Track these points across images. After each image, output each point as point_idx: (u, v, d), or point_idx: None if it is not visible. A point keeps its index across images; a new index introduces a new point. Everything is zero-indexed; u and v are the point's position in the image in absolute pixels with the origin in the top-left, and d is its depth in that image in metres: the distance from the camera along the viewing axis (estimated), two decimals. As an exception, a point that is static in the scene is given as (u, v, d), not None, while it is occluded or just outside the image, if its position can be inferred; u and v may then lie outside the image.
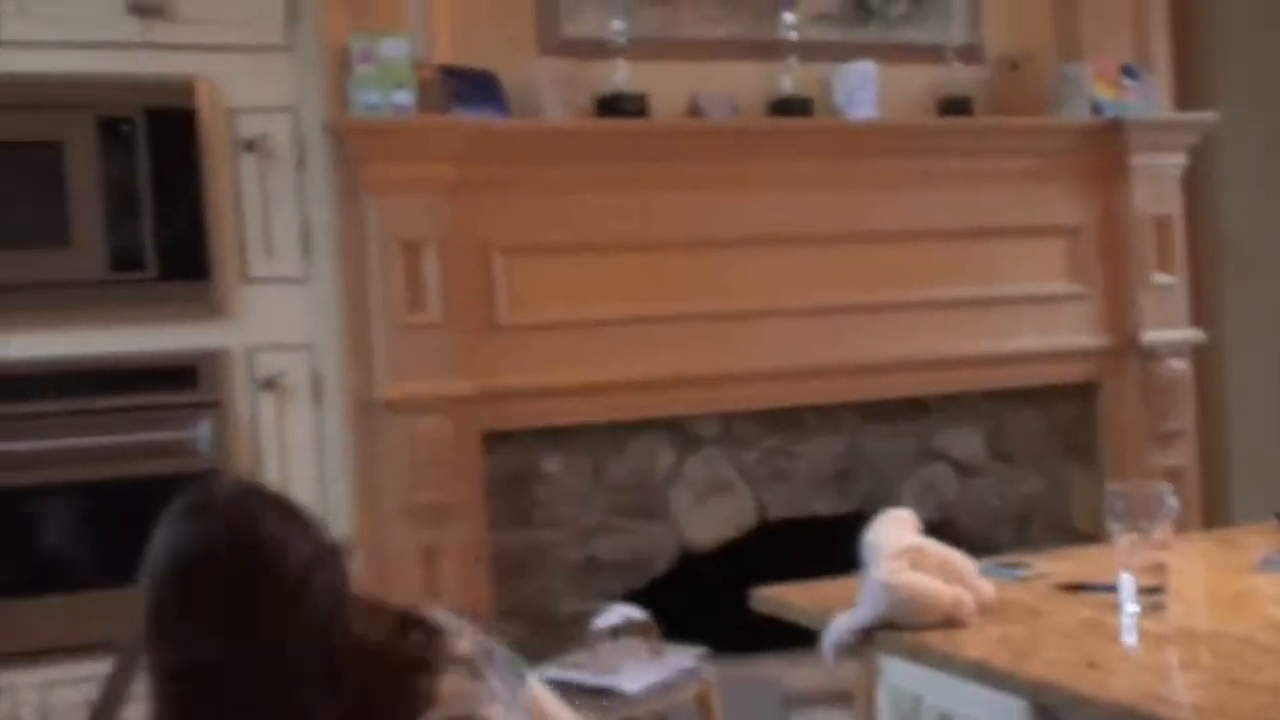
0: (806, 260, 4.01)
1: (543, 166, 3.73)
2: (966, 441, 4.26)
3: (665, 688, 3.46)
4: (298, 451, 3.56)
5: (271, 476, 3.52)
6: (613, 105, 3.84)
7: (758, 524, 4.06)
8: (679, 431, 3.96)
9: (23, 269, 3.30)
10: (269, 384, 3.52)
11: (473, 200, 3.63)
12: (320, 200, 3.56)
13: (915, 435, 4.21)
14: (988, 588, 2.28)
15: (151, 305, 3.38)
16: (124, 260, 3.36)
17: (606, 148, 3.82)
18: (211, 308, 3.46)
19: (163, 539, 1.57)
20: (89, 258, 3.33)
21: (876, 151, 4.06)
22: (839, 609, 2.34)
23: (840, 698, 4.03)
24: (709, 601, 4.06)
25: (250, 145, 3.52)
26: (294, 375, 3.56)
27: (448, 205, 3.58)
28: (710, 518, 4.00)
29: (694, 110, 3.97)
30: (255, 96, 3.53)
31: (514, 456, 3.77)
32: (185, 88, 3.44)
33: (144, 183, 3.39)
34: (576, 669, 3.44)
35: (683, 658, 3.54)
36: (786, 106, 4.03)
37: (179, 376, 3.43)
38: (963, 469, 4.27)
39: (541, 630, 3.78)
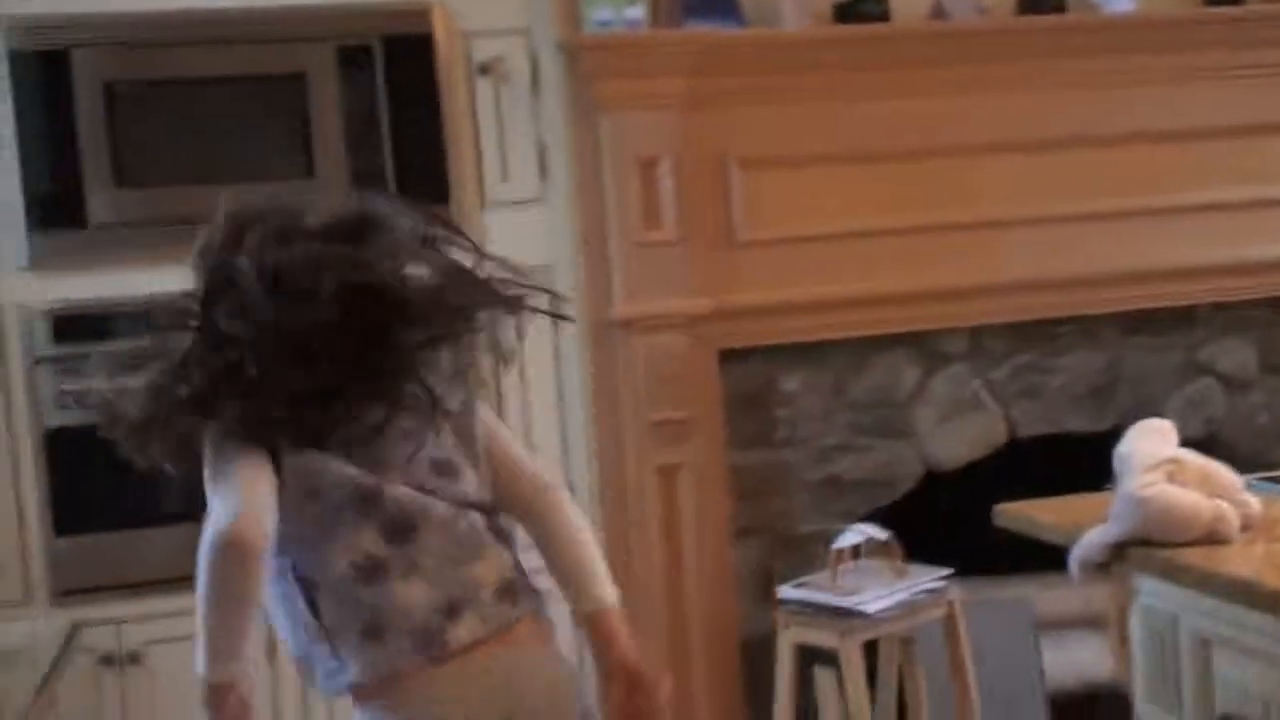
0: (1058, 165, 3.81)
1: (780, 77, 3.63)
2: (1236, 354, 3.99)
3: (909, 609, 3.37)
4: (536, 373, 3.58)
5: (511, 397, 3.56)
6: (851, 11, 3.71)
7: (1007, 443, 3.91)
8: (924, 347, 3.84)
9: (270, 199, 3.40)
10: (508, 304, 3.55)
11: (708, 114, 3.57)
12: (555, 121, 3.56)
13: (1180, 348, 3.97)
14: (1254, 502, 2.13)
15: (393, 230, 3.44)
16: (365, 188, 3.40)
17: (846, 55, 3.69)
18: (451, 231, 3.50)
19: None
20: (332, 188, 3.40)
21: (1134, 47, 3.82)
22: (1089, 525, 2.22)
23: (1093, 622, 3.88)
24: (954, 523, 3.96)
25: (485, 69, 3.54)
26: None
27: (683, 120, 3.53)
28: (956, 436, 3.87)
29: (937, 12, 3.80)
30: (489, 20, 3.54)
31: (752, 374, 3.72)
32: (421, 13, 3.47)
33: (383, 110, 3.44)
34: (817, 589, 3.39)
35: (927, 579, 3.44)
36: (1037, 3, 3.82)
37: (422, 299, 3.48)
38: (1231, 383, 4.01)
39: (781, 550, 3.74)
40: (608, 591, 2.11)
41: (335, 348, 1.92)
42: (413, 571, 1.96)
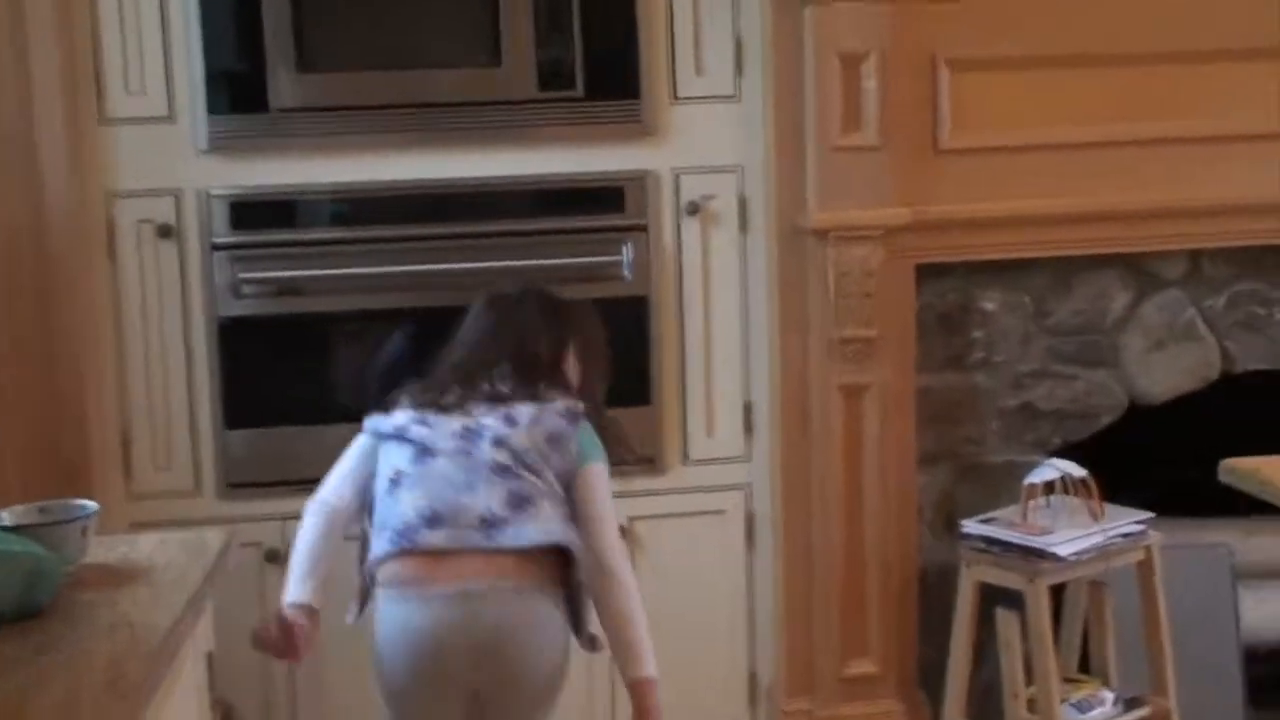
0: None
1: (997, -30, 3.35)
2: None
3: (1102, 553, 3.18)
4: (720, 279, 3.43)
5: (693, 302, 3.41)
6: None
7: (1221, 376, 3.64)
8: (1137, 270, 3.57)
9: (454, 86, 3.27)
10: (694, 208, 3.39)
11: (919, 7, 3.31)
12: (754, 12, 3.34)
13: None
14: None
15: (579, 125, 3.28)
16: (553, 78, 3.27)
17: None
18: (640, 128, 3.33)
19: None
20: (519, 75, 3.26)
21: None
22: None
23: (1301, 573, 3.65)
24: (1158, 459, 3.73)
25: (684, -46, 3.34)
26: (721, 199, 3.41)
27: (891, 14, 3.28)
28: (1166, 367, 3.61)
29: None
30: (688, -99, 3.34)
31: (949, 292, 3.50)
32: (620, -106, 3.27)
33: (574, -3, 3.28)
34: (1005, 526, 3.22)
35: (1125, 521, 3.24)
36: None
37: (605, 198, 3.34)
38: None
39: (968, 480, 3.55)
40: (645, 667, 2.49)
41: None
42: (418, 486, 2.42)
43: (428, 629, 2.35)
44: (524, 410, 2.52)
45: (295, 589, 2.46)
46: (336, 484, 2.57)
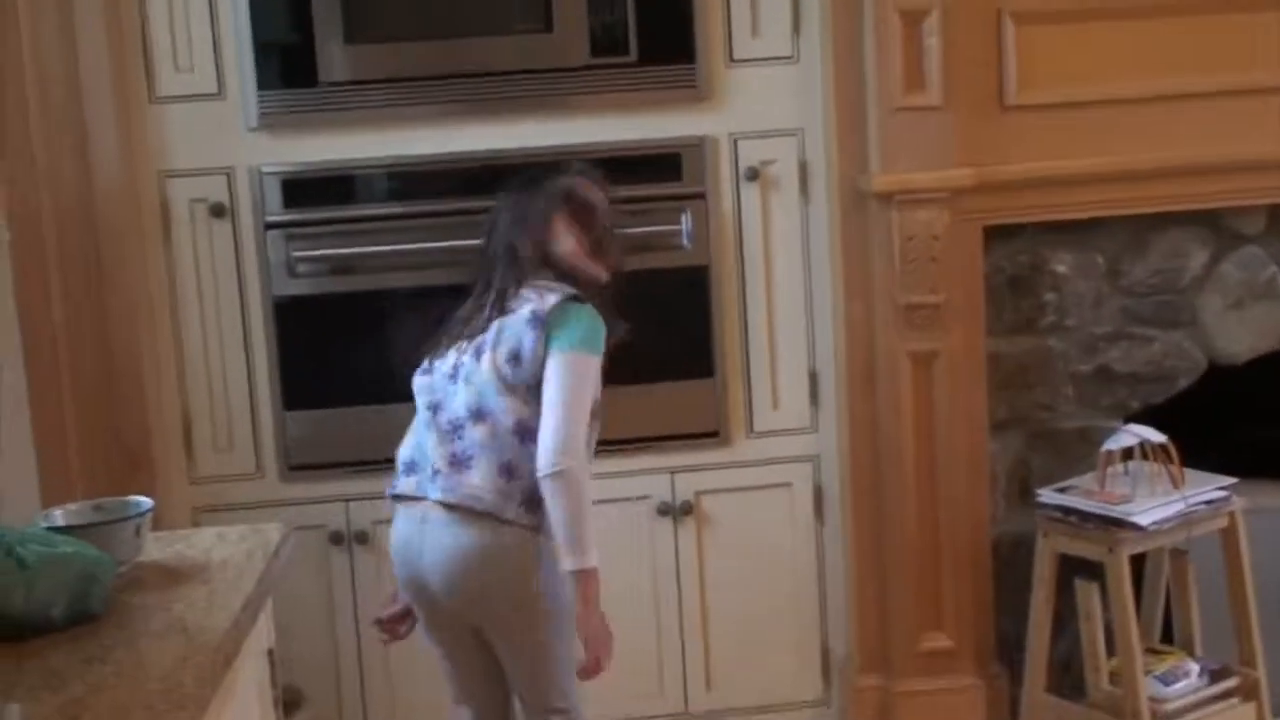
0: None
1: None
2: None
3: (1184, 521, 3.09)
4: (782, 245, 3.34)
5: (754, 271, 3.33)
6: None
7: (1304, 336, 3.51)
8: (1215, 226, 3.45)
9: (506, 54, 3.19)
10: (753, 173, 3.30)
11: (981, -40, 3.21)
12: (811, -30, 3.24)
13: None
14: None
15: (633, 91, 3.20)
16: (605, 44, 3.18)
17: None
18: (696, 93, 3.24)
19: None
20: (571, 41, 3.18)
21: None
22: None
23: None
24: (1240, 420, 3.61)
25: (738, -87, 3.24)
26: (781, 163, 3.32)
27: (953, -33, 3.17)
28: (1247, 327, 3.48)
29: None
30: None
31: (1019, 254, 3.39)
32: None
33: (626, -41, 3.19)
34: (1083, 495, 3.13)
35: (1207, 489, 3.14)
36: None
37: (662, 165, 3.26)
38: None
39: (1044, 447, 3.45)
40: (576, 560, 2.50)
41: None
42: (410, 434, 2.71)
43: (401, 540, 2.65)
44: (490, 332, 2.59)
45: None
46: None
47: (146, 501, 1.97)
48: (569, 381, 2.50)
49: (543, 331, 2.53)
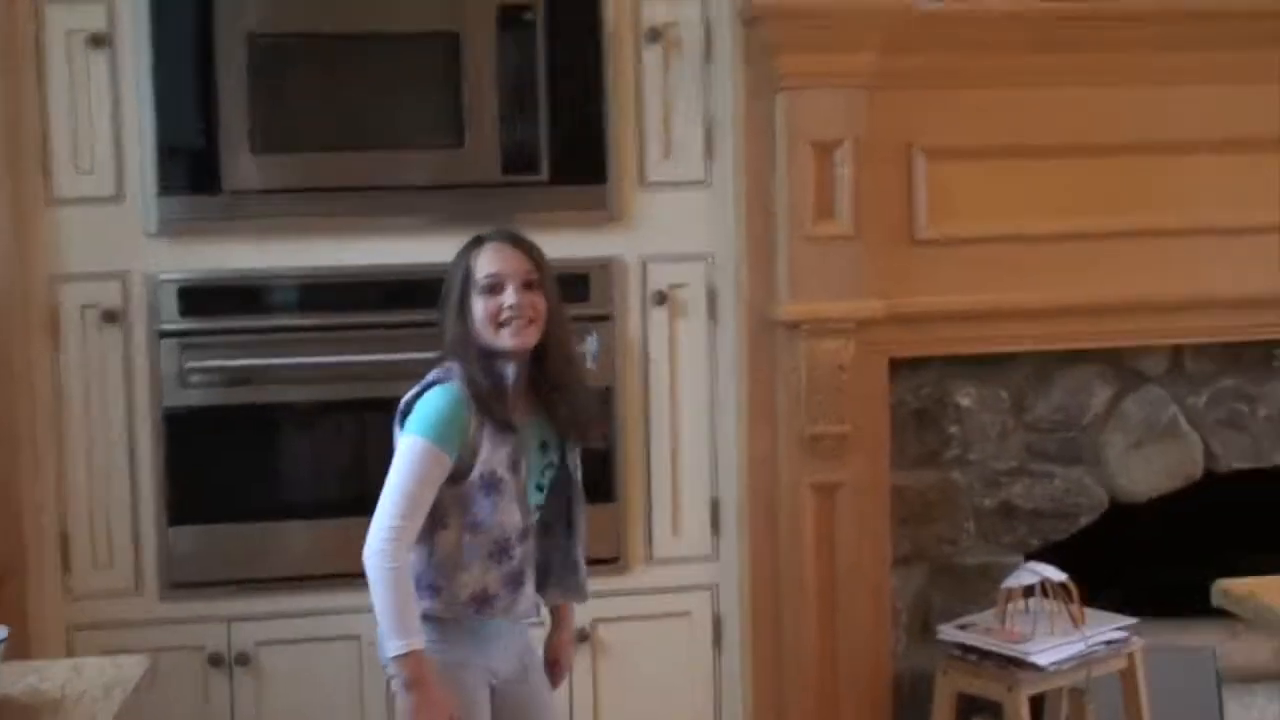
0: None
1: (978, 57, 3.26)
2: None
3: (1084, 661, 3.06)
4: (688, 370, 3.31)
5: (659, 395, 3.29)
6: (1059, -14, 3.32)
7: (1205, 475, 3.53)
8: (1117, 365, 3.48)
9: (416, 169, 3.16)
10: (662, 297, 3.27)
11: (895, 95, 3.23)
12: (726, 96, 3.25)
13: None
14: None
15: (544, 211, 3.17)
16: (517, 162, 3.16)
17: (1055, 35, 3.28)
18: (606, 214, 3.22)
19: None
20: (483, 158, 3.15)
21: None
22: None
23: (1286, 678, 3.54)
24: (1141, 559, 3.61)
25: (655, 35, 3.24)
26: (690, 288, 3.30)
27: (866, 101, 3.19)
28: (1149, 466, 3.50)
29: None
30: (662, -21, 3.25)
31: (924, 386, 3.40)
32: (592, -32, 3.18)
33: (541, 77, 3.16)
34: (983, 633, 3.10)
35: (1107, 628, 3.12)
36: (1270, -16, 3.39)
37: (570, 286, 3.16)
38: None
39: (944, 582, 3.43)
40: (380, 651, 2.46)
41: None
42: None
43: None
44: None
45: None
46: None
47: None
48: (395, 464, 2.42)
49: (402, 420, 2.47)
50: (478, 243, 2.55)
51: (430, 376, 2.47)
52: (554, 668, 2.66)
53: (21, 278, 3.05)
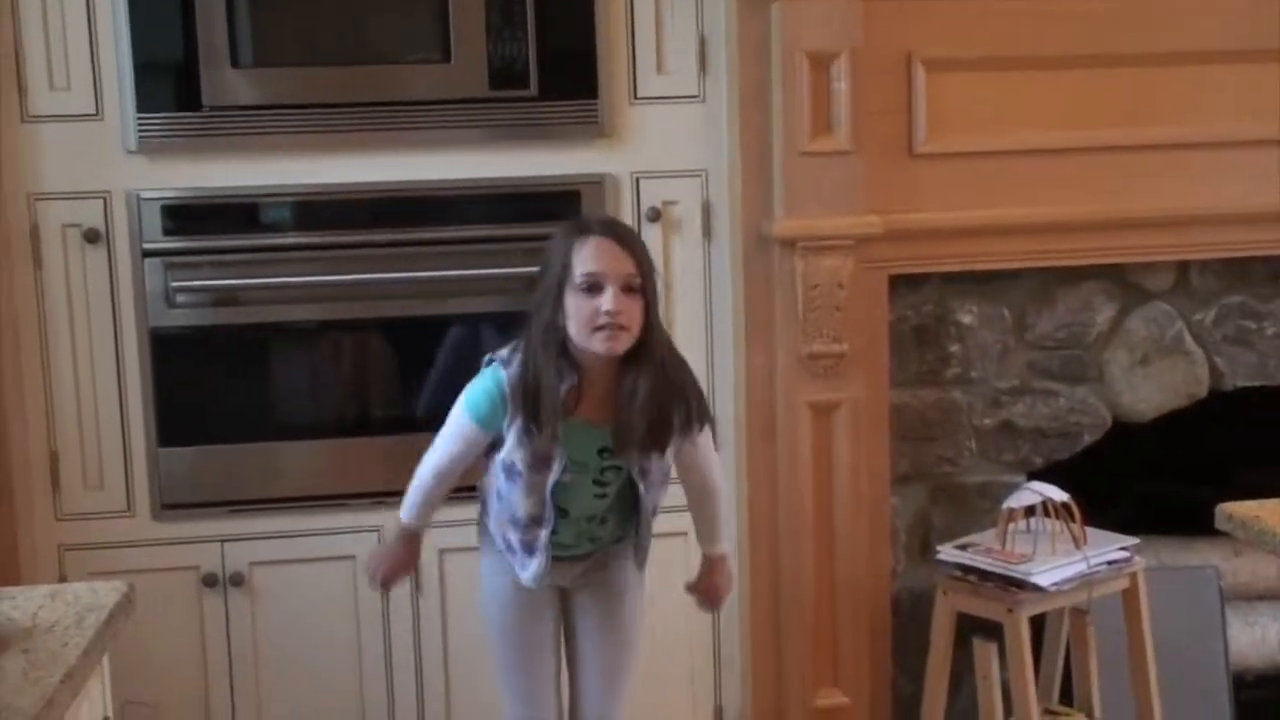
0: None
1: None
2: None
3: (1085, 582, 3.02)
4: (683, 289, 3.25)
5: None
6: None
7: (1210, 393, 3.47)
8: (1122, 281, 3.40)
9: (400, 84, 3.08)
10: (655, 214, 3.21)
11: (893, 4, 3.13)
12: (719, 9, 3.16)
13: None
14: None
15: (533, 126, 3.10)
16: (505, 76, 3.08)
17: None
18: (598, 129, 3.15)
19: None
20: (469, 73, 3.07)
21: None
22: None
23: (1292, 595, 3.51)
24: (1145, 478, 3.57)
25: (645, -56, 3.15)
26: (684, 205, 3.23)
27: (863, 11, 3.10)
28: (1153, 384, 3.44)
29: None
30: (653, -109, 3.15)
31: (924, 304, 3.33)
32: (579, -120, 3.08)
33: (529, -12, 3.09)
34: (982, 553, 3.05)
35: (1109, 549, 3.08)
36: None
37: (561, 203, 3.14)
38: None
39: (944, 502, 3.39)
40: None
41: None
42: None
43: None
44: None
45: None
46: None
47: (-29, 557, 1.83)
48: (449, 416, 2.57)
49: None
50: (581, 232, 2.47)
51: (503, 351, 2.51)
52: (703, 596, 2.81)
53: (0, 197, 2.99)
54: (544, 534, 2.54)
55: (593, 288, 2.40)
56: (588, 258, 2.42)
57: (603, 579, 2.70)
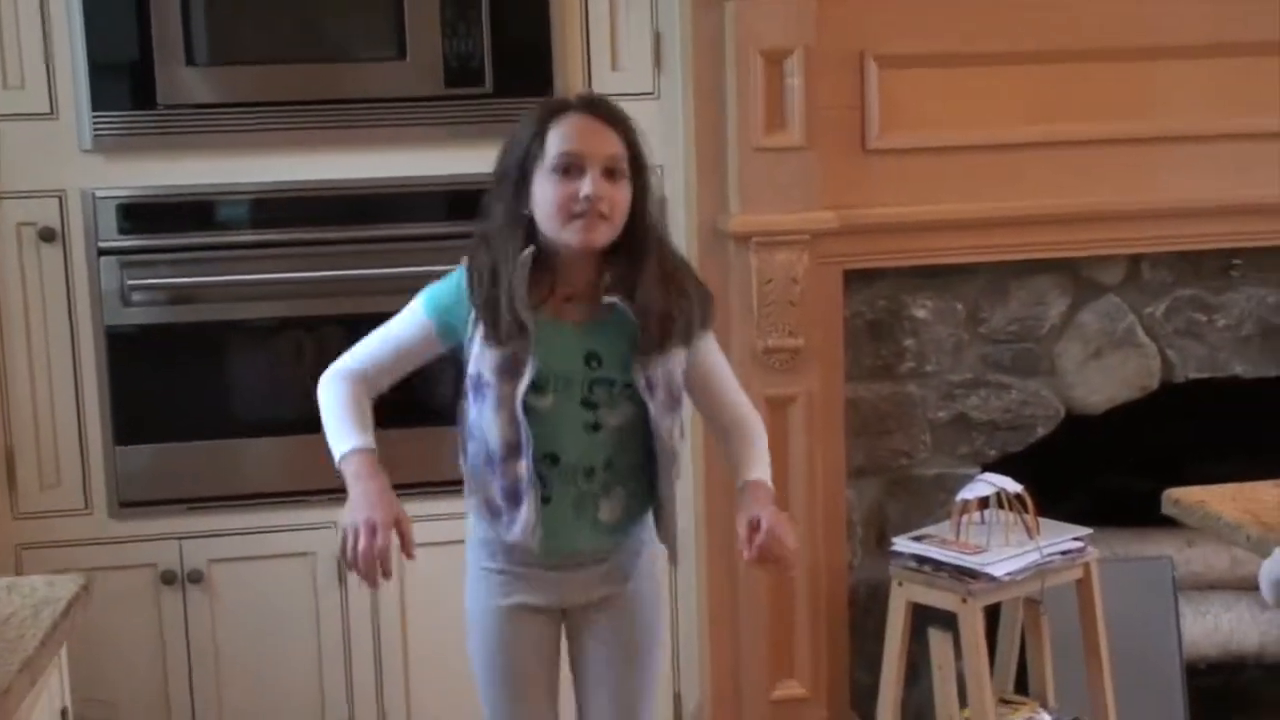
0: (1243, 73, 3.34)
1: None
2: None
3: (1038, 572, 3.06)
4: (641, 284, 3.27)
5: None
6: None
7: (1161, 385, 3.51)
8: (1074, 275, 3.44)
9: (356, 82, 3.10)
10: (612, 210, 3.23)
11: (846, 2, 3.16)
12: (673, 6, 3.18)
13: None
14: None
15: (488, 123, 3.10)
16: (460, 74, 3.09)
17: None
18: (552, 126, 3.17)
19: None
20: (425, 71, 3.09)
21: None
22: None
23: (1243, 584, 3.54)
24: (1097, 470, 3.61)
25: (601, -58, 3.17)
26: (640, 201, 3.25)
27: (816, 8, 3.13)
28: (1105, 376, 3.48)
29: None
30: (607, -116, 3.17)
31: (879, 298, 3.36)
32: (533, -126, 3.10)
33: (484, -13, 3.11)
34: (938, 544, 3.08)
35: (1062, 539, 3.11)
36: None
37: (516, 200, 3.17)
38: None
39: (899, 494, 3.42)
40: None
41: None
42: None
43: None
44: None
45: None
46: None
47: (-76, 551, 1.84)
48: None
49: None
50: (557, 109, 2.14)
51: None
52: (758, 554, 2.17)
53: (-45, 196, 3.00)
54: (524, 467, 2.13)
55: (569, 169, 2.06)
56: (564, 135, 2.09)
57: (619, 601, 2.29)
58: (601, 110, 2.15)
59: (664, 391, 2.18)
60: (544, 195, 2.08)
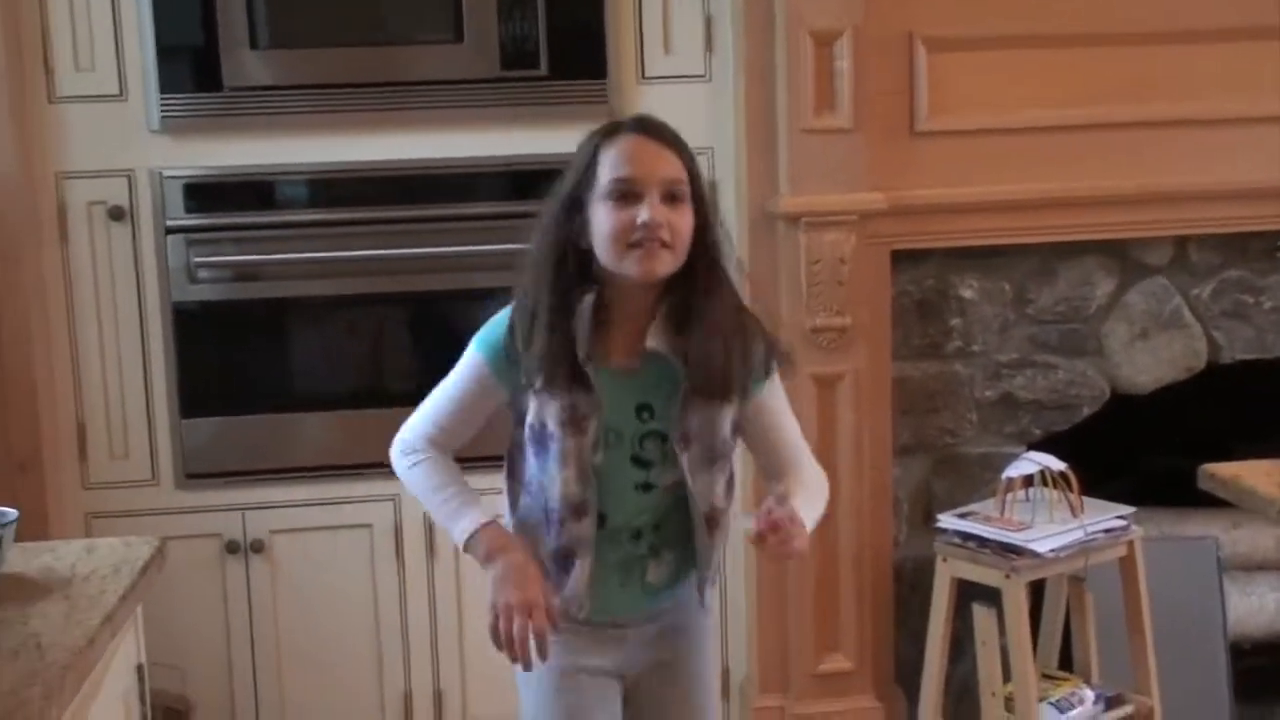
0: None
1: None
2: None
3: (1082, 549, 3.09)
4: (692, 264, 3.32)
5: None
6: None
7: (1208, 366, 3.54)
8: (1121, 256, 3.47)
9: (414, 64, 3.16)
10: (665, 191, 3.28)
11: (896, -16, 3.22)
12: (725, -11, 3.24)
13: None
14: None
15: (543, 105, 3.18)
16: (516, 57, 3.16)
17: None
18: (606, 109, 3.20)
19: None
20: (481, 53, 3.15)
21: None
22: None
23: (1290, 566, 3.57)
24: (1142, 449, 3.64)
25: (654, -74, 3.23)
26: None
27: (866, -10, 3.18)
28: (1151, 357, 3.51)
29: None
30: (661, -128, 3.22)
31: (926, 278, 3.40)
32: None
33: (539, -30, 3.17)
34: (982, 521, 3.12)
35: (1106, 517, 3.15)
36: None
37: (571, 181, 3.23)
38: None
39: (945, 472, 3.47)
40: None
41: None
42: None
43: None
44: None
45: None
46: None
47: (10, 512, 1.92)
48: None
49: None
50: (610, 132, 1.98)
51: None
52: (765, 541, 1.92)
53: (27, 175, 3.08)
54: (587, 527, 1.96)
55: (625, 196, 1.90)
56: (618, 159, 1.92)
57: (672, 659, 2.12)
58: (656, 131, 1.98)
59: (700, 445, 1.98)
60: (600, 225, 1.91)
